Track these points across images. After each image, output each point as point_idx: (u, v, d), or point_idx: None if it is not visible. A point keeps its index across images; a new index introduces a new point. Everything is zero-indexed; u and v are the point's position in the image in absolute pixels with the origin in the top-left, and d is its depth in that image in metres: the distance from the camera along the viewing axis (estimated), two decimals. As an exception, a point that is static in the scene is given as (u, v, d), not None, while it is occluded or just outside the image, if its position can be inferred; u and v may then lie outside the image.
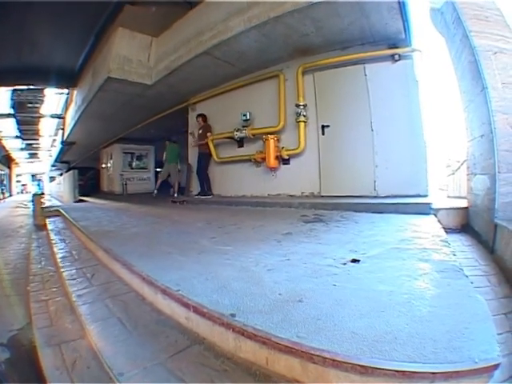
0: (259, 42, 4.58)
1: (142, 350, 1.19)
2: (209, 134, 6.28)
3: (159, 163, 12.78)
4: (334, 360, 0.87)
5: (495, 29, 2.51)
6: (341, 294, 1.26)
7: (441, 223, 2.84)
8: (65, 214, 5.03)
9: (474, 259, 2.14)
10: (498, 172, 2.26)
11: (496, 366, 0.82)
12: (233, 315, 1.10)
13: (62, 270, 2.34)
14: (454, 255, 1.66)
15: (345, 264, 1.63)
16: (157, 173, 9.16)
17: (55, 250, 3.04)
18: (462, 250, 2.37)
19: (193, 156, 6.97)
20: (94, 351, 1.28)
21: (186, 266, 1.71)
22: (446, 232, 2.79)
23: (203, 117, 6.55)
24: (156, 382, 0.98)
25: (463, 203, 3.20)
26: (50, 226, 4.55)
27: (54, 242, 3.43)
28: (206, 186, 6.36)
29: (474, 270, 1.91)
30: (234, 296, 1.27)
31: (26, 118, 11.85)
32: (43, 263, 2.87)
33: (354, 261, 1.67)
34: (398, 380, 0.81)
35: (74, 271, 2.27)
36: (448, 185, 6.76)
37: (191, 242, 2.37)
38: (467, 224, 2.99)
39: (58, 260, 2.64)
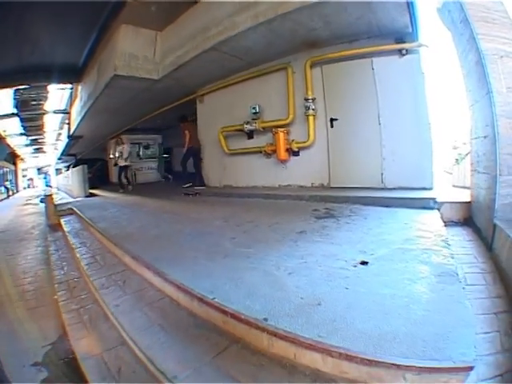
0: (266, 38, 4.59)
1: (188, 352, 1.31)
2: (186, 131, 6.85)
3: (167, 150, 13.03)
4: (347, 355, 1.11)
5: (502, 32, 2.51)
6: (352, 298, 1.47)
7: (444, 217, 3.02)
8: (80, 213, 4.94)
9: (473, 255, 2.29)
10: (500, 174, 2.35)
11: (471, 368, 0.99)
12: (265, 319, 1.32)
13: (91, 278, 2.35)
14: (452, 258, 1.83)
15: (355, 266, 1.84)
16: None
17: (78, 255, 3.02)
18: (463, 246, 2.53)
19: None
20: (137, 356, 1.36)
21: (215, 273, 1.90)
22: (449, 225, 3.00)
23: (183, 119, 7.29)
24: (208, 380, 1.15)
25: (467, 196, 3.32)
26: (66, 228, 4.47)
27: (74, 246, 3.40)
28: (197, 180, 7.00)
29: (472, 267, 2.07)
30: (263, 301, 1.49)
31: (30, 115, 11.75)
32: (65, 269, 2.85)
33: (363, 263, 1.88)
34: (394, 370, 1.04)
35: (104, 279, 2.28)
36: (453, 172, 6.87)
37: (214, 245, 2.52)
38: (470, 218, 3.12)
39: (84, 267, 2.64)
